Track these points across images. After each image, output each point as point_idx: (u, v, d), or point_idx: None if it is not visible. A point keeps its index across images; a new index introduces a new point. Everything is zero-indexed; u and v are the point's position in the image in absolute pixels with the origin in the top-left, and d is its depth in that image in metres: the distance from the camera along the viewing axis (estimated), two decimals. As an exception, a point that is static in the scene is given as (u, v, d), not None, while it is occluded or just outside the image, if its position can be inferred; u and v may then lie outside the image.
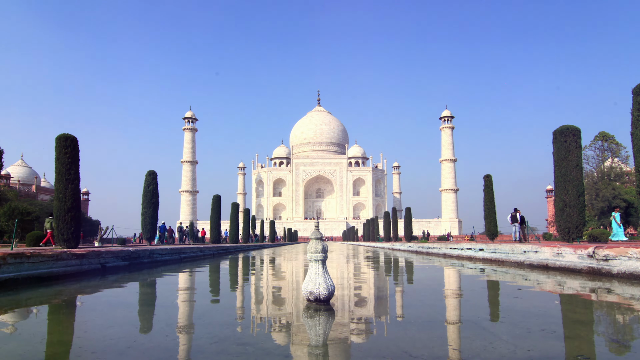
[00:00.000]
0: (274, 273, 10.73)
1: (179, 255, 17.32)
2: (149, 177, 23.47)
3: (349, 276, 9.43)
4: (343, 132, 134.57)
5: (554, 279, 8.34)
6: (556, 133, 14.51)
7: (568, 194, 13.90)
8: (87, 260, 10.60)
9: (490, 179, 24.36)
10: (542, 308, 5.17)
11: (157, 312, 5.15)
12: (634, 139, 11.48)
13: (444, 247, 21.24)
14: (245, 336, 3.72)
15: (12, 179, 68.35)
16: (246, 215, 48.99)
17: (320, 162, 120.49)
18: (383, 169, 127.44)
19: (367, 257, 18.30)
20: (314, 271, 4.91)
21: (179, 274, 10.73)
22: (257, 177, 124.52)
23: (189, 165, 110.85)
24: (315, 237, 5.04)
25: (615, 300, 5.73)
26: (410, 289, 7.31)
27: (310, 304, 4.92)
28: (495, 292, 6.89)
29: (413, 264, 13.71)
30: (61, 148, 13.66)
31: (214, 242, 33.03)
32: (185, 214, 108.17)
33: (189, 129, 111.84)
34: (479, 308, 5.14)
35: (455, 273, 10.40)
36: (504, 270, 10.45)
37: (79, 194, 14.01)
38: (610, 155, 50.18)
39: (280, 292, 6.85)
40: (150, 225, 23.21)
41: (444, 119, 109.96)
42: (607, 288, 6.73)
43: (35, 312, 5.33)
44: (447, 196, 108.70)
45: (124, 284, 8.46)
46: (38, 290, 7.10)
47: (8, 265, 7.82)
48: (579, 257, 9.72)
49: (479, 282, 8.39)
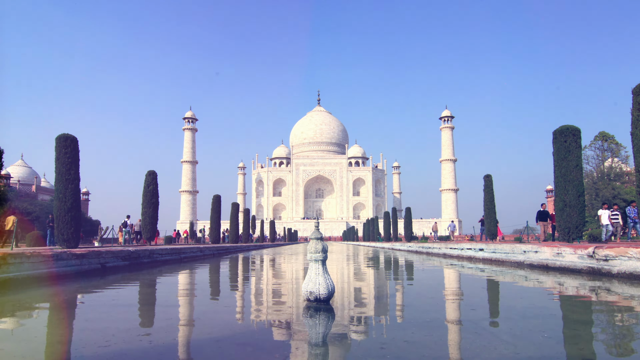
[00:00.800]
0: (274, 273, 10.73)
1: (179, 255, 17.34)
2: (149, 177, 23.49)
3: (349, 276, 9.43)
4: (343, 132, 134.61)
5: (554, 278, 8.34)
6: (556, 133, 14.52)
7: (568, 194, 13.90)
8: (87, 260, 10.60)
9: (490, 179, 24.37)
10: (542, 308, 5.17)
11: (157, 312, 5.15)
12: (634, 139, 11.48)
13: (444, 247, 21.24)
14: (245, 336, 3.72)
15: (12, 179, 68.35)
16: (246, 215, 49.01)
17: (320, 162, 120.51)
18: (383, 169, 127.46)
19: (367, 257, 18.30)
20: (314, 271, 4.91)
21: (179, 274, 10.73)
22: (257, 177, 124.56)
23: (189, 165, 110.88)
24: (315, 237, 5.04)
25: (616, 300, 5.74)
26: (410, 289, 7.31)
27: (310, 304, 4.92)
28: (495, 292, 6.89)
29: (413, 264, 13.71)
30: (61, 148, 13.67)
31: (214, 242, 33.06)
32: (185, 214, 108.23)
33: (189, 129, 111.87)
34: (479, 308, 5.14)
35: (455, 273, 10.41)
36: (504, 270, 10.45)
37: (79, 194, 14.02)
38: (610, 155, 50.17)
39: (280, 292, 6.85)
40: (151, 225, 23.23)
41: (444, 119, 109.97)
42: (607, 288, 6.73)
43: (35, 312, 5.33)
44: (447, 196, 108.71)
45: (124, 284, 8.46)
46: (38, 290, 7.11)
47: (8, 265, 7.83)
48: (579, 257, 9.72)
49: (478, 282, 8.39)
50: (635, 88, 11.63)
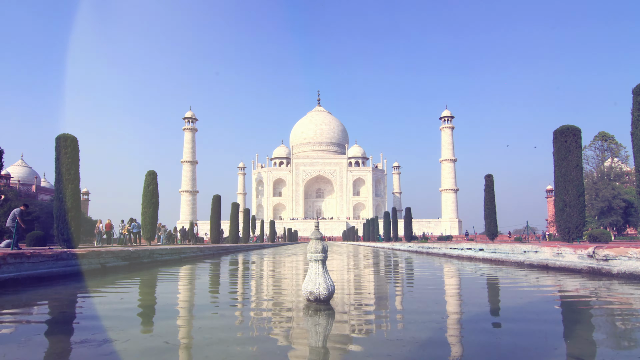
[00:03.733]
0: (274, 273, 10.72)
1: (179, 255, 17.34)
2: (149, 177, 23.48)
3: (349, 276, 9.43)
4: (343, 132, 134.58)
5: (554, 278, 8.34)
6: (556, 133, 14.52)
7: (568, 194, 13.91)
8: (87, 260, 10.60)
9: (491, 178, 24.37)
10: (542, 308, 5.17)
11: (157, 311, 5.14)
12: (634, 139, 11.49)
13: (444, 247, 21.24)
14: (245, 336, 3.72)
15: (12, 179, 68.36)
16: (246, 215, 48.99)
17: (320, 162, 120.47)
18: (383, 169, 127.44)
19: (367, 257, 18.30)
20: (314, 271, 4.90)
21: (179, 274, 10.73)
22: (257, 177, 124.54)
23: (189, 165, 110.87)
24: (315, 237, 5.04)
25: (616, 300, 5.74)
26: (410, 290, 7.31)
27: (310, 303, 4.92)
28: (495, 293, 6.89)
29: (413, 264, 13.71)
30: (61, 148, 13.67)
31: (214, 242, 33.07)
32: (185, 214, 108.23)
33: (189, 129, 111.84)
34: (479, 308, 5.14)
35: (455, 273, 10.40)
36: (504, 270, 10.45)
37: (79, 194, 14.02)
38: (610, 155, 50.20)
39: (280, 292, 6.85)
40: (151, 225, 23.23)
41: (444, 119, 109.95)
42: (607, 288, 6.73)
43: (35, 312, 5.33)
44: (447, 196, 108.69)
45: (124, 284, 8.46)
46: (38, 290, 7.10)
47: (8, 265, 7.83)
48: (579, 257, 9.72)
49: (479, 282, 8.39)
50: (635, 88, 11.63)
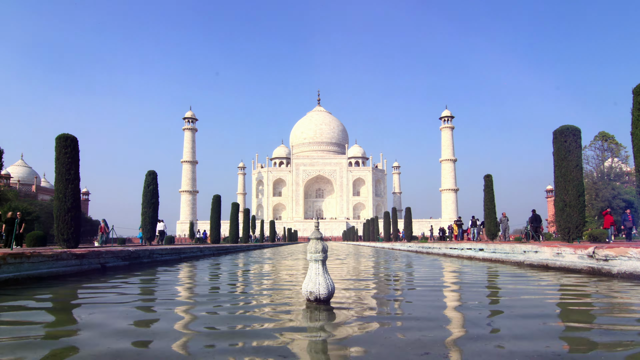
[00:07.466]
0: (274, 273, 10.72)
1: (179, 255, 17.35)
2: (149, 177, 23.49)
3: (349, 276, 9.43)
4: (343, 132, 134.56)
5: (554, 278, 8.34)
6: (556, 133, 14.51)
7: (568, 194, 13.90)
8: (87, 260, 10.60)
9: (490, 178, 24.36)
10: (542, 308, 5.17)
11: (157, 310, 5.14)
12: (634, 139, 11.48)
13: (444, 247, 21.24)
14: (245, 336, 3.72)
15: (12, 179, 68.30)
16: (246, 215, 48.98)
17: (320, 162, 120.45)
18: (383, 169, 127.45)
19: (367, 257, 18.30)
20: (314, 271, 4.90)
21: (179, 274, 10.73)
22: (257, 177, 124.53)
23: (189, 165, 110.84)
24: (315, 237, 5.04)
25: (616, 300, 5.74)
26: (411, 289, 7.31)
27: (310, 303, 4.91)
28: (495, 293, 6.89)
29: (413, 264, 13.71)
30: (61, 148, 13.67)
31: (214, 242, 33.06)
32: (185, 214, 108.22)
33: (189, 129, 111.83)
34: (479, 308, 5.14)
35: (455, 273, 10.40)
36: (504, 270, 10.45)
37: (79, 194, 14.02)
38: (610, 155, 50.17)
39: (280, 292, 6.84)
40: (150, 225, 23.23)
41: (444, 119, 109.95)
42: (607, 288, 6.73)
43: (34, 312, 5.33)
44: (447, 196, 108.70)
45: (124, 284, 8.45)
46: (37, 290, 7.10)
47: (8, 265, 7.83)
48: (579, 257, 9.72)
49: (479, 282, 8.39)
50: (635, 88, 11.63)
